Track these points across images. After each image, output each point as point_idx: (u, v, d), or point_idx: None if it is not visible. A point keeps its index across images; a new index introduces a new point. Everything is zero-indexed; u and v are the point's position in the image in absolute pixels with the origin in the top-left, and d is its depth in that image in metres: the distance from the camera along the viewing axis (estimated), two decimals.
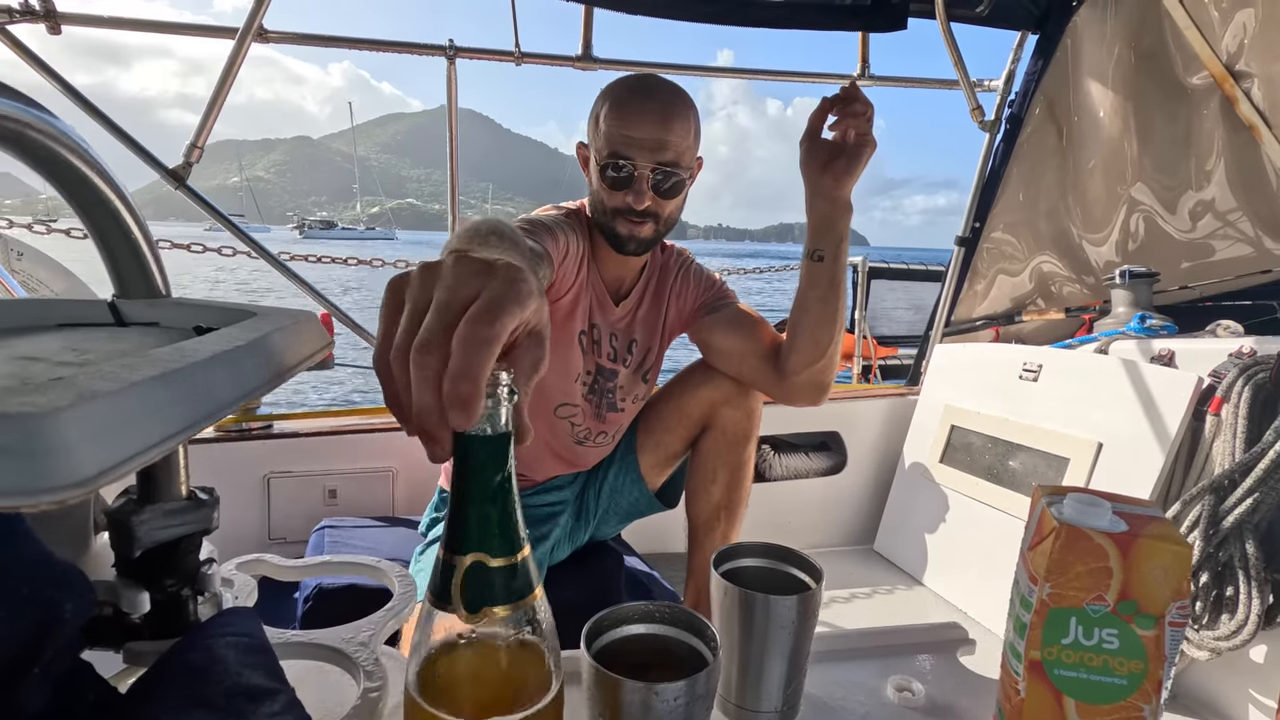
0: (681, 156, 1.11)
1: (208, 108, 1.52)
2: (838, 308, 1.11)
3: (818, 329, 1.12)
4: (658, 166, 1.09)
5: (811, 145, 1.07)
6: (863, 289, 2.72)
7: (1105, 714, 0.50)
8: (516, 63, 1.77)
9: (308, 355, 0.43)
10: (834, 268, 1.10)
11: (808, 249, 1.11)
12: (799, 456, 2.11)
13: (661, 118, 1.08)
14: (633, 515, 1.41)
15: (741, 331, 1.21)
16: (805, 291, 1.12)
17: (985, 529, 1.69)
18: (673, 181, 1.11)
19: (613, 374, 1.27)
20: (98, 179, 0.43)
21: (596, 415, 1.29)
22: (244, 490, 1.65)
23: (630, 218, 1.12)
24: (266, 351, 0.38)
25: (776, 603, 0.57)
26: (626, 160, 1.08)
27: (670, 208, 1.15)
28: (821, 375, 1.15)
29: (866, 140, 1.04)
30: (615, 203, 1.11)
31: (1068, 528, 0.49)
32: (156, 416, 0.28)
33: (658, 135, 1.07)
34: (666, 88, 1.11)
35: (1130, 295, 1.80)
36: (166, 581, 0.46)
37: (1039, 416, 1.61)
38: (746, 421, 1.24)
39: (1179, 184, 1.87)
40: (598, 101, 1.13)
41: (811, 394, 1.17)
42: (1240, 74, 1.66)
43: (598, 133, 1.11)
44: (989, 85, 2.03)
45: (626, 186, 1.10)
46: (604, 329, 1.25)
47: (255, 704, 0.35)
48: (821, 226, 1.09)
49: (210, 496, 0.48)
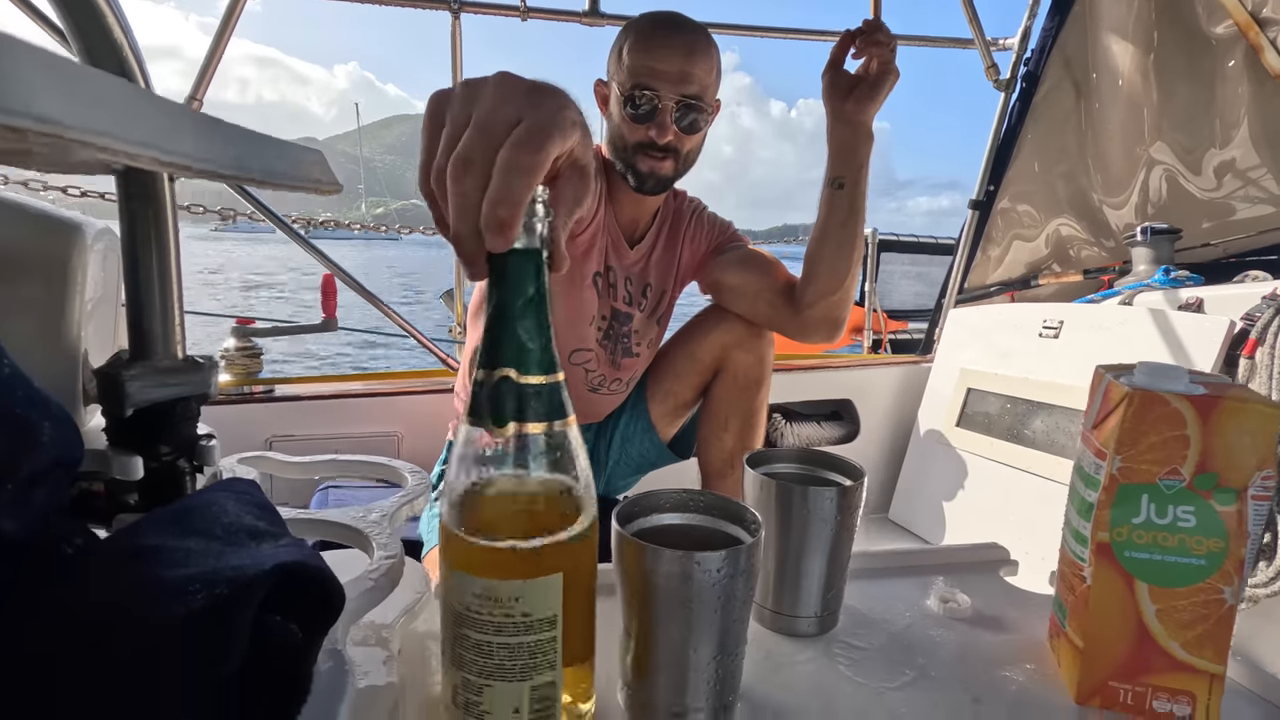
0: (705, 91, 1.09)
1: (204, 62, 1.48)
2: (857, 236, 1.09)
3: (836, 259, 1.09)
4: (682, 99, 1.07)
5: (834, 75, 1.06)
6: (872, 260, 2.68)
7: (1182, 597, 0.46)
8: (522, 18, 1.73)
9: (312, 177, 0.39)
10: (854, 194, 1.08)
11: (828, 177, 1.09)
12: (811, 425, 2.06)
13: (687, 50, 1.06)
14: (644, 467, 1.37)
15: (755, 269, 1.20)
16: (825, 220, 1.09)
17: (1006, 489, 1.65)
18: (695, 115, 1.10)
19: (628, 318, 1.25)
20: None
21: (611, 361, 1.26)
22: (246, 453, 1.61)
23: (652, 153, 1.10)
24: (265, 144, 0.34)
25: (816, 494, 0.53)
26: (651, 91, 1.06)
27: (690, 144, 1.13)
28: (837, 309, 1.13)
29: (889, 69, 1.03)
30: (638, 137, 1.10)
31: (1141, 393, 0.45)
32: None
33: (683, 67, 1.06)
34: (690, 23, 1.10)
35: (1152, 253, 1.76)
36: (161, 448, 0.42)
37: (1061, 373, 1.57)
38: (758, 366, 1.22)
39: (1201, 142, 1.83)
40: (621, 35, 1.12)
41: (827, 329, 1.15)
42: (1266, 21, 1.61)
43: (620, 66, 1.09)
44: (1004, 44, 1.99)
45: (649, 119, 1.08)
46: (619, 272, 1.23)
47: (257, 540, 0.32)
48: (842, 153, 1.07)
49: (208, 361, 0.44)
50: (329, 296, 1.70)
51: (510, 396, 0.36)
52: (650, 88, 1.06)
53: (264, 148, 0.34)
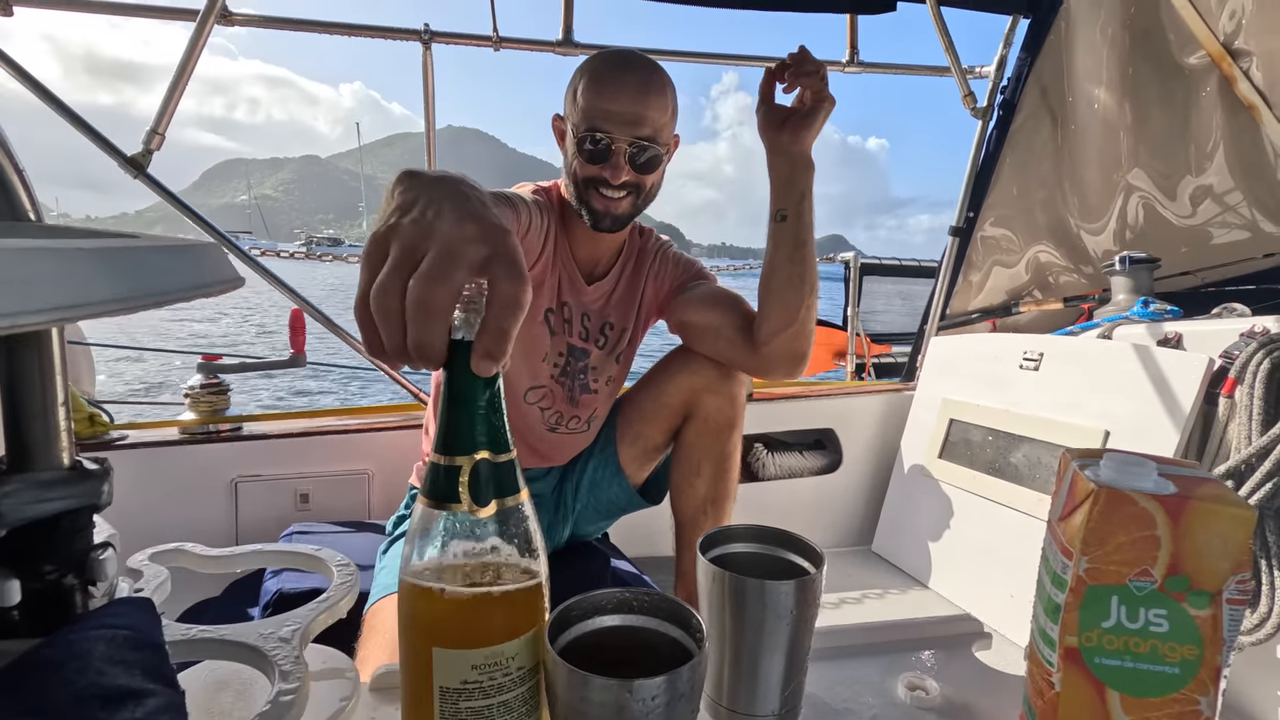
0: (659, 132, 1.09)
1: (168, 92, 1.44)
2: (806, 270, 1.07)
3: (786, 293, 1.07)
4: (635, 140, 1.07)
5: (767, 109, 1.07)
6: (855, 286, 2.66)
7: (1155, 708, 0.43)
8: (495, 48, 1.71)
9: (204, 280, 0.36)
10: (798, 225, 1.06)
11: (772, 211, 1.08)
12: (792, 455, 2.04)
13: (639, 92, 1.06)
14: (614, 512, 1.34)
15: (716, 306, 1.17)
16: (772, 254, 1.08)
17: (989, 525, 1.62)
18: (649, 155, 1.09)
19: (584, 354, 1.23)
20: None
21: (569, 398, 1.23)
22: (210, 495, 1.56)
23: (606, 192, 1.09)
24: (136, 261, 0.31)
25: (772, 589, 0.50)
26: (603, 134, 1.06)
27: (649, 182, 1.12)
28: (795, 344, 1.09)
29: (823, 98, 1.04)
30: (591, 174, 1.09)
31: (1107, 491, 0.42)
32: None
33: (635, 109, 1.06)
34: (644, 63, 1.09)
35: (1131, 282, 1.75)
36: (43, 567, 0.38)
37: (1042, 406, 1.55)
38: (730, 408, 1.18)
39: (1177, 169, 1.83)
40: (576, 75, 1.11)
41: (787, 365, 1.11)
42: (1238, 52, 1.61)
43: (575, 106, 1.09)
44: (981, 72, 1.99)
45: (603, 160, 1.08)
46: (575, 308, 1.21)
47: (111, 710, 0.28)
48: (783, 185, 1.06)
49: (100, 467, 0.40)
50: (297, 332, 1.66)
51: (488, 477, 0.39)
52: (603, 130, 1.06)
53: (155, 269, 0.31)
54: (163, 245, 0.33)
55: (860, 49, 1.94)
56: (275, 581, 1.18)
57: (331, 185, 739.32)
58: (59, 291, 0.24)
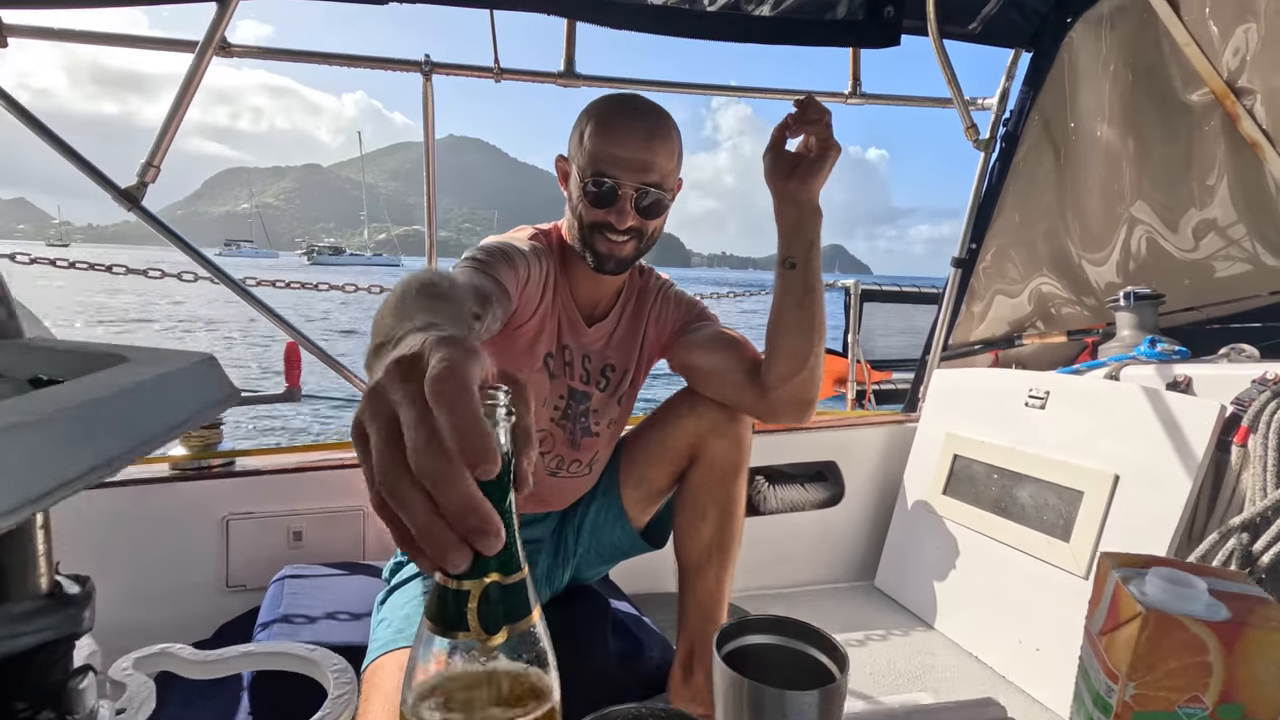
0: (665, 178, 1.09)
1: (164, 125, 1.42)
2: (815, 317, 1.06)
3: (795, 340, 1.06)
4: (641, 186, 1.07)
5: (774, 155, 1.06)
6: (855, 312, 2.65)
7: None
8: (496, 79, 1.69)
9: (191, 412, 0.33)
10: (807, 272, 1.05)
11: (780, 258, 1.07)
12: (794, 488, 2.01)
13: (647, 138, 1.06)
14: (617, 556, 1.31)
15: (721, 349, 1.16)
16: (780, 301, 1.07)
17: (994, 565, 1.60)
18: (655, 201, 1.09)
19: (585, 396, 1.21)
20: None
21: (570, 441, 1.21)
22: (200, 533, 1.52)
23: (611, 236, 1.08)
24: (116, 412, 0.28)
25: (795, 700, 0.47)
26: (610, 179, 1.06)
27: (652, 226, 1.12)
28: (803, 390, 1.08)
29: (829, 145, 1.03)
30: (596, 219, 1.08)
31: (1156, 615, 0.40)
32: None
33: (642, 156, 1.06)
34: (651, 108, 1.10)
35: (1135, 318, 1.74)
36: (16, 705, 0.36)
37: (1048, 446, 1.53)
38: (736, 452, 1.17)
39: (1180, 202, 1.82)
40: (582, 118, 1.11)
41: (795, 411, 1.10)
42: (1242, 90, 1.61)
43: (581, 149, 1.09)
44: (983, 104, 1.98)
45: (609, 204, 1.07)
46: (576, 351, 1.19)
47: None
48: (791, 233, 1.05)
49: (83, 589, 0.38)
50: (292, 366, 1.64)
51: (499, 602, 0.37)
52: (609, 175, 1.05)
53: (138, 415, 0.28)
54: (146, 380, 0.30)
55: (862, 80, 1.93)
56: (267, 634, 1.14)
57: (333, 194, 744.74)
58: (27, 483, 0.21)
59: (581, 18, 1.61)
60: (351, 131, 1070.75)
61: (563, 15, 1.61)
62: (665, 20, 1.63)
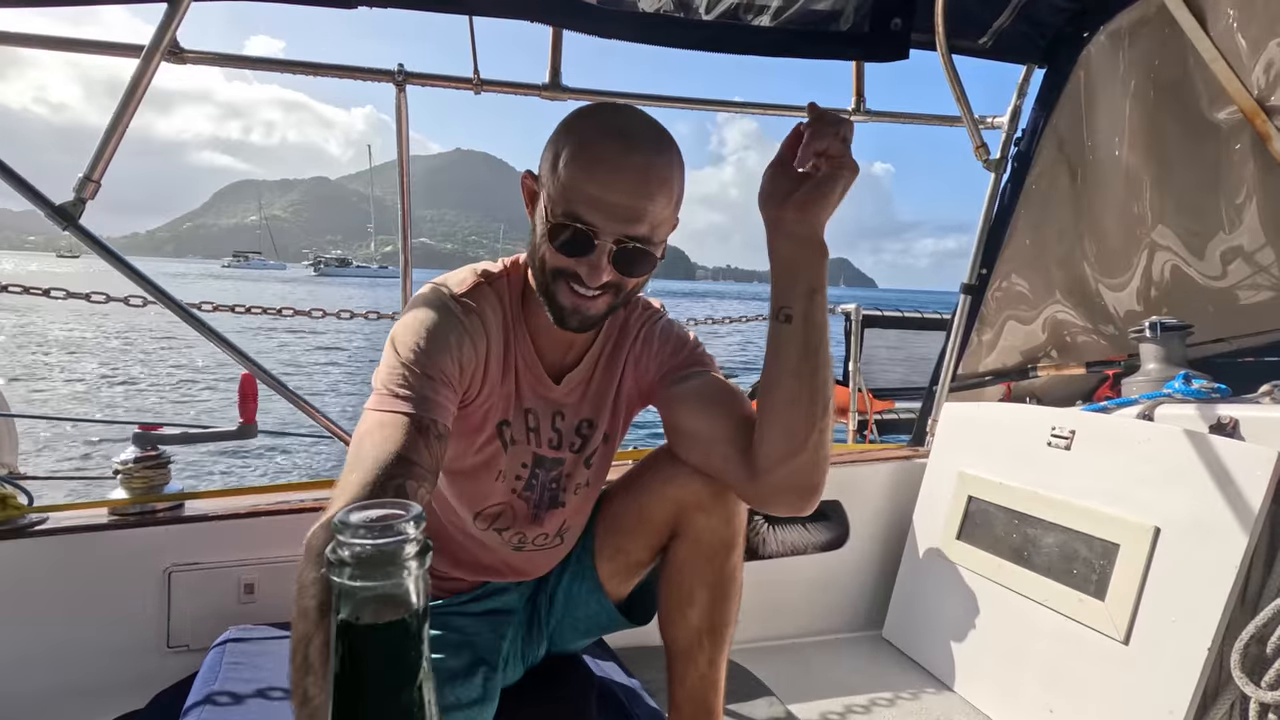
0: (657, 229, 0.86)
1: (105, 136, 1.29)
2: (815, 385, 0.84)
3: (792, 415, 0.84)
4: (625, 240, 0.84)
5: (775, 174, 0.85)
6: (856, 338, 2.53)
7: None
8: (475, 90, 1.57)
9: None
10: (807, 329, 0.84)
11: (773, 308, 0.86)
12: (795, 529, 1.87)
13: (640, 180, 0.83)
14: (595, 630, 1.16)
15: (710, 410, 0.95)
16: (772, 364, 0.86)
17: (1016, 621, 1.45)
18: (639, 259, 0.86)
19: (557, 463, 1.02)
20: None
21: (532, 516, 1.03)
22: (138, 587, 1.37)
23: (578, 289, 0.87)
24: None
25: None
26: (587, 225, 0.83)
27: (633, 283, 0.90)
28: (803, 476, 0.87)
29: (843, 164, 0.81)
30: (561, 265, 0.86)
31: None
32: None
33: (633, 203, 0.83)
34: (651, 137, 0.86)
35: (1162, 350, 1.62)
36: None
37: (1075, 492, 1.39)
38: (725, 528, 0.99)
39: (1206, 227, 1.71)
40: (561, 135, 0.87)
41: (792, 499, 0.89)
42: (1274, 109, 1.50)
43: (554, 176, 0.85)
44: (994, 122, 1.88)
45: (581, 254, 0.85)
46: (543, 412, 1.00)
47: None
48: (787, 276, 0.84)
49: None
50: (248, 399, 1.49)
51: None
52: (587, 221, 0.82)
53: None
54: None
55: (866, 96, 1.83)
56: (197, 714, 0.99)
57: (340, 206, 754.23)
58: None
59: (567, 25, 1.50)
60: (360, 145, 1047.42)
61: (547, 23, 1.49)
62: (658, 30, 1.52)
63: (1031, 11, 1.72)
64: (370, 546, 0.28)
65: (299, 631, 0.63)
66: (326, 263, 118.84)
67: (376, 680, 0.28)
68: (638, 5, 1.48)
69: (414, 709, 0.29)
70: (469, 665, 0.98)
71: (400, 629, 0.28)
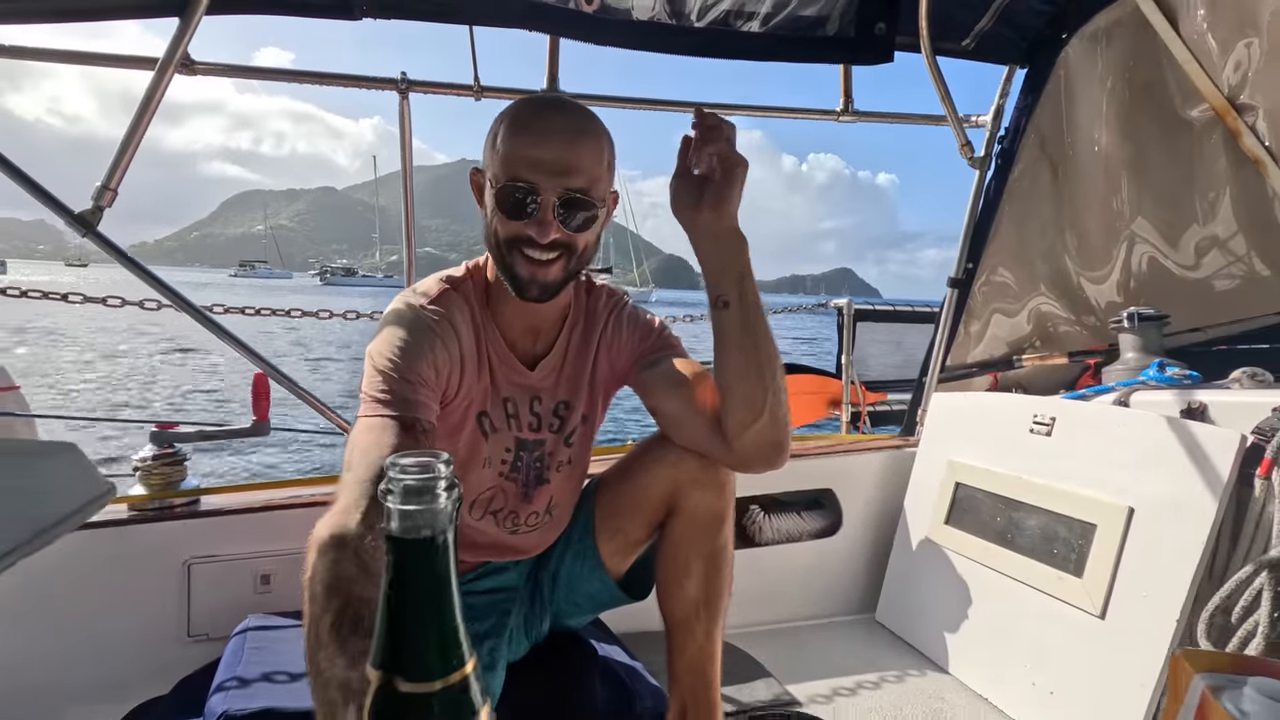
0: (594, 184, 0.95)
1: (121, 146, 1.34)
2: (761, 356, 0.94)
3: (745, 387, 0.95)
4: (565, 192, 0.93)
5: (679, 184, 0.95)
6: (849, 333, 2.59)
7: None
8: (476, 97, 1.63)
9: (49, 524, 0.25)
10: (743, 309, 0.94)
11: (711, 296, 0.96)
12: (790, 517, 1.93)
13: (570, 137, 0.94)
14: (596, 607, 1.22)
15: (681, 392, 1.04)
16: (718, 346, 0.97)
17: (1002, 600, 1.52)
18: (583, 210, 0.95)
19: (537, 444, 1.10)
20: None
21: (524, 495, 1.11)
22: (160, 579, 1.43)
23: (531, 253, 0.94)
24: None
25: None
26: (527, 184, 0.92)
27: (583, 242, 0.98)
28: (767, 435, 0.97)
29: (735, 161, 0.92)
30: (514, 232, 0.94)
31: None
32: None
33: (565, 156, 0.92)
34: (574, 107, 0.99)
35: (1140, 340, 1.68)
36: None
37: (1056, 475, 1.46)
38: (718, 501, 1.06)
39: (1182, 219, 1.78)
40: (496, 120, 0.97)
41: (764, 458, 0.99)
42: (1243, 107, 1.57)
43: (494, 154, 0.95)
44: (978, 121, 1.94)
45: (527, 214, 0.93)
46: (521, 399, 1.08)
47: None
48: (717, 270, 0.95)
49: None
50: (260, 398, 1.55)
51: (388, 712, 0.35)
52: (527, 179, 0.91)
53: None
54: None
55: (855, 97, 1.89)
56: (221, 699, 1.04)
57: (346, 216, 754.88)
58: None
59: (564, 34, 1.55)
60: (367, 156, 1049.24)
61: (545, 31, 1.55)
62: (651, 37, 1.58)
63: (1012, 14, 1.78)
64: (413, 479, 0.36)
65: (310, 613, 0.69)
66: (333, 272, 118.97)
67: (415, 585, 0.36)
68: (631, 14, 1.54)
69: (445, 611, 0.36)
70: (475, 636, 1.05)
71: (430, 544, 0.36)
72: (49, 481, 0.27)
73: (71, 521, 0.27)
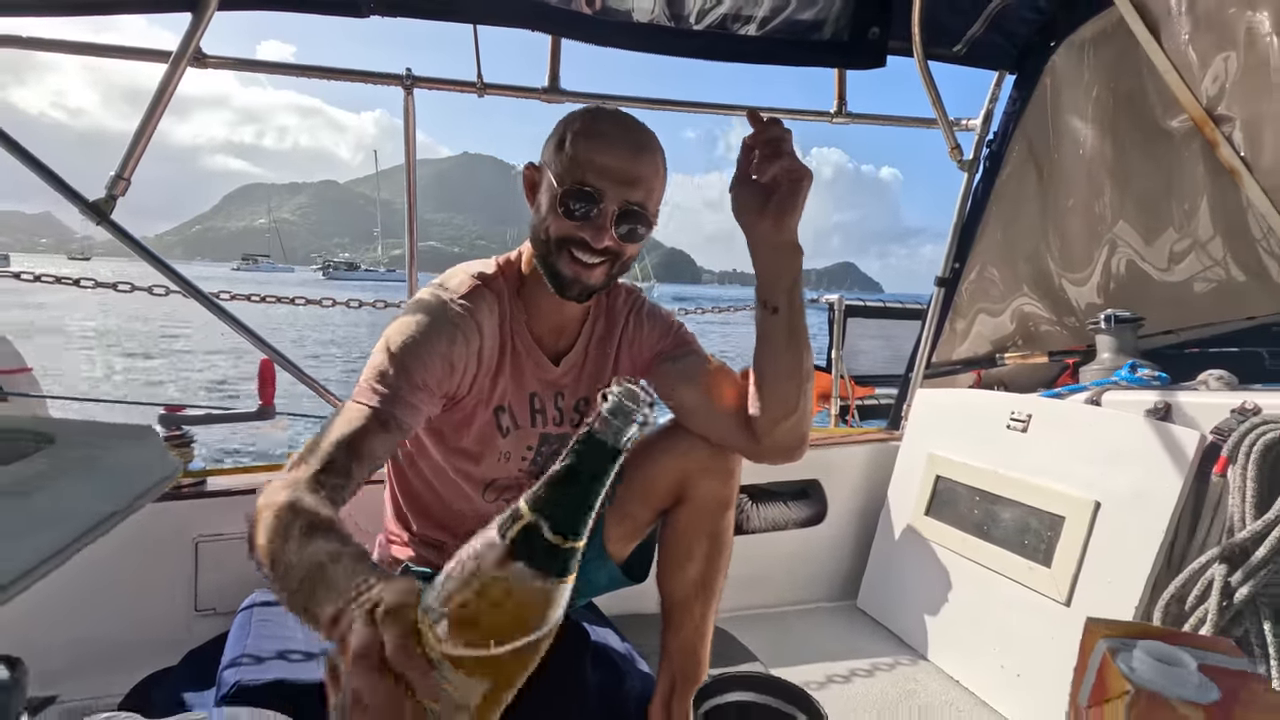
0: (650, 198, 1.01)
1: (135, 137, 1.39)
2: (801, 359, 1.00)
3: (783, 384, 1.01)
4: (626, 203, 0.98)
5: (740, 191, 0.98)
6: (839, 328, 2.65)
7: None
8: (479, 94, 1.67)
9: (127, 500, 0.31)
10: (790, 314, 0.99)
11: (760, 299, 1.01)
12: (777, 506, 2.00)
13: (637, 151, 0.99)
14: (595, 591, 1.28)
15: (704, 387, 1.09)
16: (762, 346, 1.02)
17: (976, 589, 1.59)
18: (638, 223, 1.00)
19: (561, 439, 1.15)
20: None
21: None
22: (169, 556, 1.48)
23: (581, 255, 0.99)
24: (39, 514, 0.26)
25: None
26: (593, 189, 0.96)
27: (629, 252, 1.03)
28: (795, 432, 1.04)
29: (799, 174, 0.94)
30: (567, 232, 0.98)
31: (1146, 695, 0.39)
32: None
33: (633, 168, 0.98)
34: (641, 125, 1.03)
35: (1115, 341, 1.75)
36: None
37: (1030, 470, 1.53)
38: (725, 487, 1.13)
39: (1160, 225, 1.84)
40: (564, 122, 1.02)
41: (789, 451, 1.06)
42: (1221, 118, 1.62)
43: (560, 155, 0.99)
44: (967, 124, 1.99)
45: (587, 219, 0.97)
46: (546, 394, 1.13)
47: None
48: (770, 276, 0.99)
49: (10, 676, 0.35)
50: (267, 383, 1.60)
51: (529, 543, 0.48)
52: (593, 185, 0.96)
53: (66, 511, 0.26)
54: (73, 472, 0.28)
55: (848, 99, 1.93)
56: (234, 672, 1.10)
57: (348, 210, 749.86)
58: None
59: (566, 34, 1.59)
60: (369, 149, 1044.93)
61: (547, 31, 1.59)
62: (651, 39, 1.62)
63: (1003, 22, 1.83)
64: (626, 403, 0.48)
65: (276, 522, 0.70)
66: (335, 266, 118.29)
67: (590, 472, 0.49)
68: (632, 16, 1.58)
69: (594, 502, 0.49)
70: None
71: (615, 451, 0.48)
72: (130, 459, 0.32)
73: (152, 494, 0.32)
